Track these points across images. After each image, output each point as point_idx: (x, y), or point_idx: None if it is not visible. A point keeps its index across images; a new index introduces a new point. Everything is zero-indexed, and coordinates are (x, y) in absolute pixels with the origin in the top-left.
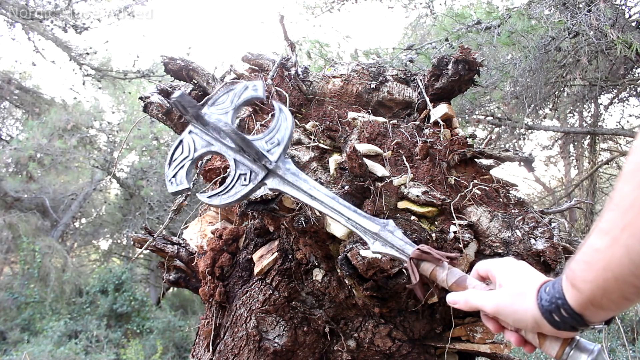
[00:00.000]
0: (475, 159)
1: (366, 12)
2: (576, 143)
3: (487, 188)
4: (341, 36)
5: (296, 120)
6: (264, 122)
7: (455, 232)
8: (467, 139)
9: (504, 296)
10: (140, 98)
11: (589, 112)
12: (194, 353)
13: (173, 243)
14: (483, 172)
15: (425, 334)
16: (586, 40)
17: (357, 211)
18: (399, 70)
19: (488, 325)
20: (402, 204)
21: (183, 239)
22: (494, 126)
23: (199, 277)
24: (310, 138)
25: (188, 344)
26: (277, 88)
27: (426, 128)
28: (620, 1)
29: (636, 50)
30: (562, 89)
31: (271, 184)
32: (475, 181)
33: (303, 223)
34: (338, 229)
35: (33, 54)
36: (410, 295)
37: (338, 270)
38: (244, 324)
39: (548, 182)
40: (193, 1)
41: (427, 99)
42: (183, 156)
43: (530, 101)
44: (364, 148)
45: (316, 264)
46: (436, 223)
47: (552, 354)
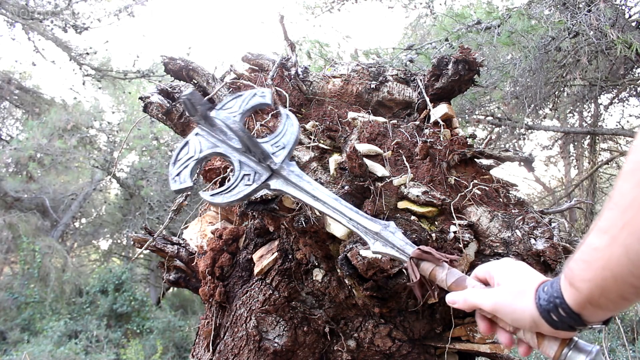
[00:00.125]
0: (475, 159)
1: (366, 12)
2: (576, 143)
3: (487, 188)
4: (341, 36)
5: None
6: (264, 122)
7: (455, 232)
8: (467, 139)
9: (503, 294)
10: (140, 98)
11: (589, 112)
12: (194, 353)
13: (173, 243)
14: (483, 172)
15: (425, 334)
16: (586, 40)
17: (359, 212)
18: (399, 70)
19: (480, 325)
20: (402, 204)
21: (183, 239)
22: (494, 126)
23: (199, 277)
24: (310, 138)
25: (188, 344)
26: (277, 88)
27: (426, 128)
28: (620, 1)
29: (636, 50)
30: (562, 89)
31: (274, 185)
32: (475, 181)
33: (303, 223)
34: (338, 229)
35: (33, 54)
36: (410, 295)
37: (338, 270)
38: (244, 324)
39: (548, 182)
40: (193, 1)
41: (427, 99)
42: (188, 156)
43: (530, 101)
44: (364, 148)
45: (316, 264)
46: (436, 223)
47: (551, 354)
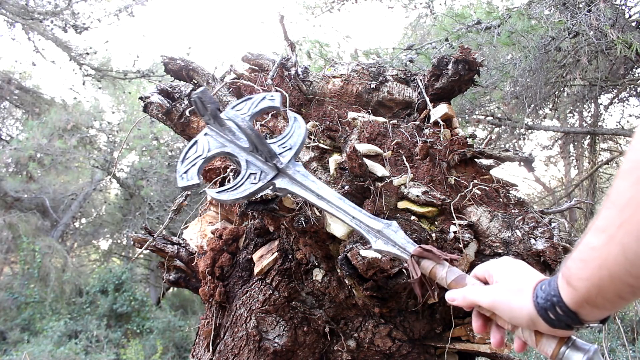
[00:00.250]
0: (475, 159)
1: (366, 12)
2: (576, 143)
3: (487, 188)
4: (341, 36)
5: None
6: (264, 122)
7: (455, 232)
8: (467, 139)
9: (501, 291)
10: (140, 98)
11: (589, 112)
12: (194, 353)
13: (173, 243)
14: (483, 172)
15: (425, 334)
16: (586, 40)
17: (362, 211)
18: (399, 70)
19: (476, 323)
20: (402, 204)
21: (183, 239)
22: (494, 126)
23: (199, 277)
24: (310, 138)
25: (188, 344)
26: (277, 88)
27: (426, 128)
28: (620, 1)
29: (636, 50)
30: (562, 89)
31: (280, 184)
32: (475, 181)
33: (303, 223)
34: (338, 229)
35: (33, 54)
36: (410, 295)
37: (338, 270)
38: (244, 324)
39: (548, 182)
40: (193, 1)
41: (427, 99)
42: (196, 155)
43: (530, 101)
44: (364, 148)
45: (316, 264)
46: (436, 223)
47: (548, 353)
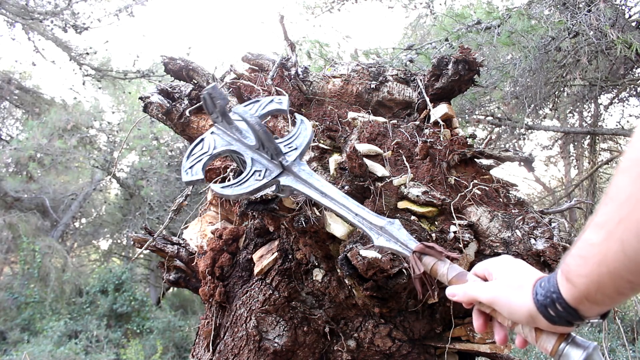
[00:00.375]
0: (475, 159)
1: (366, 12)
2: (576, 143)
3: (487, 188)
4: (341, 36)
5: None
6: (263, 122)
7: (455, 232)
8: (467, 139)
9: (501, 287)
10: (140, 98)
11: (589, 112)
12: (194, 353)
13: (173, 243)
14: (483, 172)
15: (425, 334)
16: (586, 40)
17: (365, 208)
18: (399, 70)
19: (477, 321)
20: (402, 204)
21: (183, 239)
22: (494, 126)
23: (199, 277)
24: None
25: (188, 344)
26: (277, 88)
27: (426, 128)
28: (620, 1)
29: (636, 50)
30: (562, 89)
31: (284, 181)
32: (475, 181)
33: (303, 223)
34: (338, 229)
35: (33, 54)
36: (410, 295)
37: (338, 270)
38: (244, 324)
39: (548, 182)
40: (193, 1)
41: (427, 99)
42: (202, 152)
43: (530, 101)
44: (364, 148)
45: (316, 264)
46: (436, 223)
47: (548, 349)
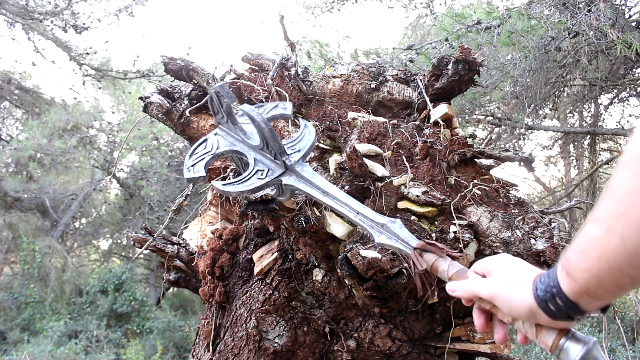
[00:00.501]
0: (475, 159)
1: (366, 12)
2: (576, 143)
3: (487, 188)
4: (341, 36)
5: (296, 120)
6: None
7: (455, 232)
8: (467, 139)
9: (501, 283)
10: (140, 98)
11: (589, 112)
12: (194, 353)
13: (173, 243)
14: (483, 172)
15: (425, 334)
16: (586, 40)
17: (366, 207)
18: (399, 70)
19: (478, 320)
20: (402, 204)
21: (183, 239)
22: (494, 126)
23: (199, 277)
24: None
25: (188, 344)
26: (277, 88)
27: (426, 128)
28: (620, 1)
29: (636, 50)
30: (562, 89)
31: (287, 181)
32: (475, 181)
33: (303, 223)
34: (338, 229)
35: (33, 54)
36: (410, 295)
37: (338, 270)
38: (244, 324)
39: (548, 182)
40: (193, 1)
41: (427, 99)
42: (205, 151)
43: (530, 101)
44: (364, 148)
45: (316, 264)
46: (436, 223)
47: (548, 344)
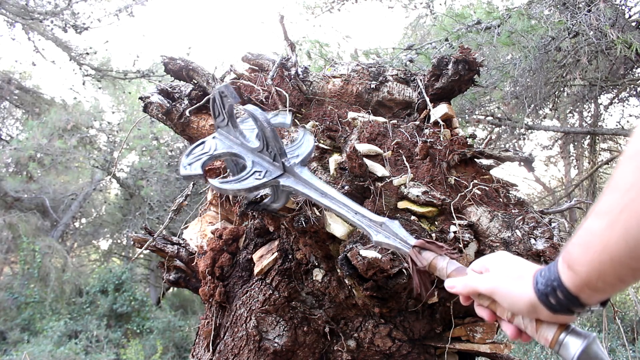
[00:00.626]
0: (475, 159)
1: (366, 12)
2: (576, 143)
3: (487, 188)
4: (341, 36)
5: (296, 120)
6: None
7: (455, 232)
8: (467, 139)
9: (501, 278)
10: (140, 98)
11: (589, 112)
12: (194, 353)
13: (173, 243)
14: (483, 172)
15: (425, 334)
16: (586, 40)
17: (364, 208)
18: (399, 70)
19: (482, 314)
20: (402, 204)
21: (183, 239)
22: (494, 126)
23: (199, 277)
24: None
25: (188, 344)
26: (277, 88)
27: (426, 128)
28: (620, 1)
29: (636, 50)
30: (562, 89)
31: (285, 182)
32: (475, 181)
33: (303, 223)
34: (338, 229)
35: (33, 54)
36: (410, 295)
37: (338, 270)
38: (244, 324)
39: (548, 182)
40: (193, 1)
41: (427, 99)
42: (203, 152)
43: (530, 101)
44: (364, 148)
45: (316, 264)
46: (436, 223)
47: (548, 339)
